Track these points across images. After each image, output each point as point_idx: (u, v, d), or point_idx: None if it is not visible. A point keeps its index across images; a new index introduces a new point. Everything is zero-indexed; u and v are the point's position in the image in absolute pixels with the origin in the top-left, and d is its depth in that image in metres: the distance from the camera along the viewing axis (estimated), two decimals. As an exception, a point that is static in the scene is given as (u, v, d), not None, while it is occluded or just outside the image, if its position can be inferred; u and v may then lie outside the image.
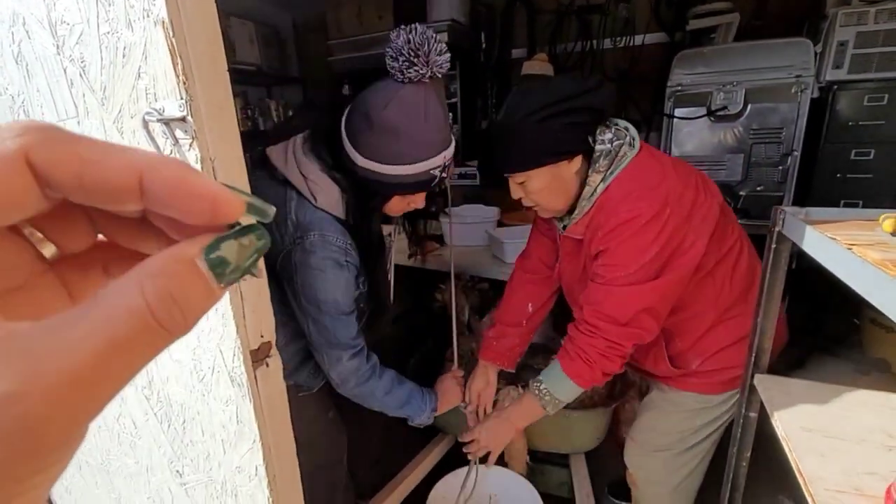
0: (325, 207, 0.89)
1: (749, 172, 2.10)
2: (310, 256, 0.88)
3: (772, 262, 0.83)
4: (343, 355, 0.96)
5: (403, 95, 0.81)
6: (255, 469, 0.63)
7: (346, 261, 0.91)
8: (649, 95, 2.48)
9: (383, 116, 0.81)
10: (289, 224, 0.90)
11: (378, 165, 0.85)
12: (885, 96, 1.86)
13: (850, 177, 1.98)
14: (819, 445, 0.70)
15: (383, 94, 0.82)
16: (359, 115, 0.85)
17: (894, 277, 0.46)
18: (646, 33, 2.48)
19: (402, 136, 0.83)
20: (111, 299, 0.12)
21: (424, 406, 1.10)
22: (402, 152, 0.84)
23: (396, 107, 0.81)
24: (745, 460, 0.99)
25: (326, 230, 0.89)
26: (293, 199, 0.90)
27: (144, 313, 0.12)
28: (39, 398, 0.11)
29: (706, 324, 1.02)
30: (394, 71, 0.80)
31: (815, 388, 0.83)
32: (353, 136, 0.86)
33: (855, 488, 0.62)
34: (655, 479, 1.20)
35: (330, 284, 0.90)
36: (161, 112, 0.49)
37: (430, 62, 0.79)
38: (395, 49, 0.79)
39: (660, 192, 0.88)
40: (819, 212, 0.76)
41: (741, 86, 2.01)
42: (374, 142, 0.84)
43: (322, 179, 0.89)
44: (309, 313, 0.93)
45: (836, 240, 0.60)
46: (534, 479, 1.29)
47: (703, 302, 1.00)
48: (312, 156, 0.91)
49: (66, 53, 0.53)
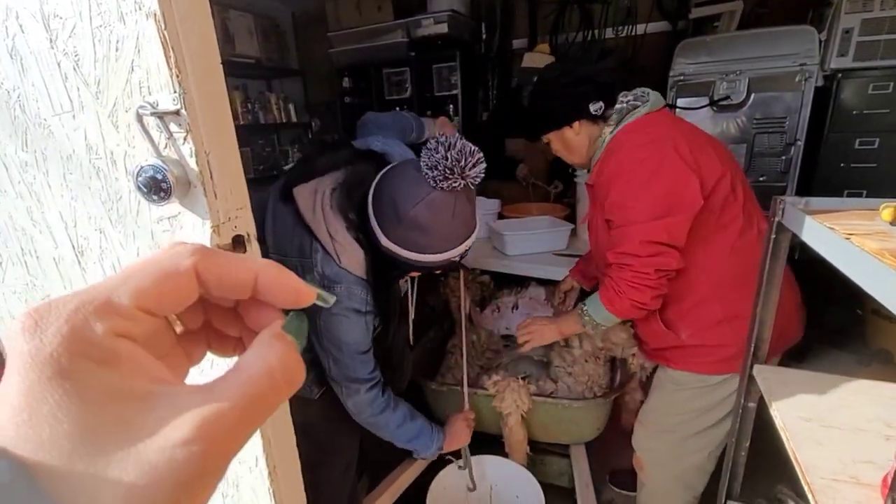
0: (348, 268, 0.93)
1: (752, 163, 2.09)
2: (335, 306, 0.90)
3: (771, 252, 0.83)
4: (361, 388, 1.02)
5: (434, 199, 0.82)
6: (255, 460, 0.64)
7: (366, 310, 0.97)
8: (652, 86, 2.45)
9: (411, 214, 0.83)
10: (315, 275, 0.95)
11: (402, 251, 0.88)
12: (890, 84, 1.83)
13: (854, 166, 1.96)
14: (817, 435, 0.71)
15: (414, 191, 0.82)
16: (387, 202, 0.86)
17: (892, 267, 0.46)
18: (648, 22, 2.45)
19: (428, 233, 0.85)
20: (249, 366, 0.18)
21: (431, 444, 1.15)
22: (427, 245, 0.87)
23: (425, 208, 0.82)
24: (744, 450, 0.99)
25: (351, 284, 0.94)
26: (318, 252, 0.94)
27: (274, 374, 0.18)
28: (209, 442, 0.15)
29: (698, 294, 1.05)
30: (427, 178, 0.81)
31: (813, 378, 0.83)
32: (380, 218, 0.88)
33: (851, 476, 0.63)
34: (660, 462, 1.22)
35: (352, 328, 0.96)
36: (155, 106, 0.49)
37: (465, 176, 0.80)
38: (431, 161, 0.79)
39: (662, 141, 0.98)
40: (819, 201, 0.75)
41: (744, 75, 1.99)
42: (399, 233, 0.86)
43: (348, 242, 0.92)
44: (330, 352, 0.99)
45: (834, 229, 0.59)
46: (534, 470, 1.30)
47: (696, 269, 1.03)
48: (340, 215, 0.93)
49: (59, 47, 0.53)
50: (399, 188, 0.85)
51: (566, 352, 1.44)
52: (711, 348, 1.07)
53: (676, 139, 0.98)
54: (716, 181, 0.99)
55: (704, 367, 1.08)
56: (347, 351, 0.98)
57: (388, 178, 0.88)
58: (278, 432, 0.64)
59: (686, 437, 1.15)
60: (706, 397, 1.11)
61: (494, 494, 1.35)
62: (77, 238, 0.65)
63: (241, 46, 2.76)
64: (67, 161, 0.60)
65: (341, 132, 3.26)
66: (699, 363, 1.09)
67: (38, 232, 0.69)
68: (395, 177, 0.87)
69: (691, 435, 1.15)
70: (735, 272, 1.03)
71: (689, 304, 1.07)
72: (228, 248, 0.54)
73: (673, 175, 0.96)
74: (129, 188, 0.56)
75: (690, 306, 1.07)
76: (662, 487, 1.24)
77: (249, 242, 0.56)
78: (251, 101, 3.00)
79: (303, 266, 0.95)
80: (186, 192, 0.52)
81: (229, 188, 0.53)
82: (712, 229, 1.01)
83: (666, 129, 1.01)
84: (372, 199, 0.89)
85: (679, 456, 1.18)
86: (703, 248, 1.02)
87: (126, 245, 0.60)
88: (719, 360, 1.06)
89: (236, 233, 0.55)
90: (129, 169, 0.55)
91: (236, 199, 0.54)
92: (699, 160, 0.98)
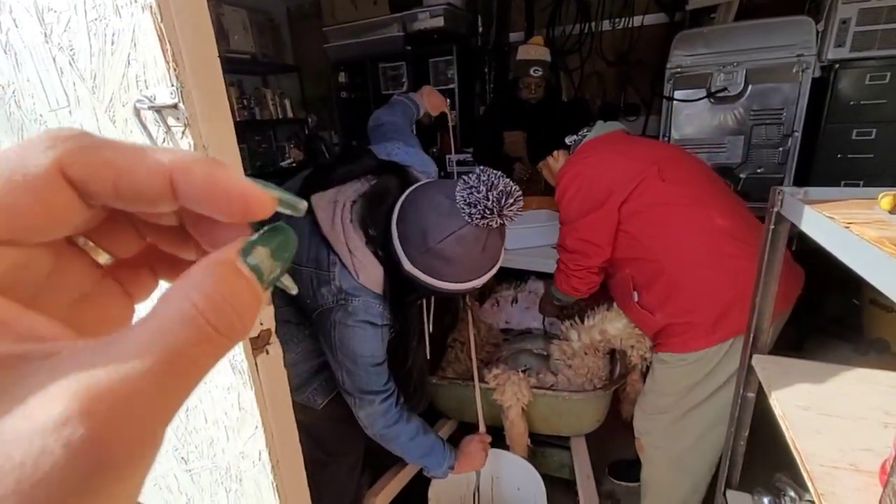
0: (366, 284, 0.92)
1: (749, 154, 2.09)
2: (350, 318, 0.92)
3: (770, 243, 0.83)
4: (375, 399, 1.00)
5: (467, 234, 0.81)
6: (258, 454, 0.64)
7: (382, 324, 0.95)
8: (649, 78, 2.45)
9: (441, 246, 0.81)
10: (332, 287, 0.92)
11: (426, 277, 0.86)
12: (887, 74, 1.83)
13: (851, 157, 1.96)
14: (815, 423, 0.71)
15: (445, 224, 0.81)
16: (415, 229, 0.84)
17: (891, 255, 0.46)
18: (645, 14, 2.44)
19: (454, 264, 0.83)
20: (162, 311, 0.12)
21: (443, 462, 1.13)
22: (451, 275, 0.86)
23: (455, 242, 0.81)
24: (743, 439, 1.00)
25: (368, 298, 0.93)
26: (336, 265, 0.92)
27: (198, 320, 0.12)
28: (101, 415, 0.10)
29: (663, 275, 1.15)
30: (464, 213, 0.79)
31: (812, 368, 0.84)
32: (404, 243, 0.86)
33: (850, 464, 0.63)
34: (657, 444, 1.28)
35: (367, 341, 0.94)
36: (152, 100, 0.48)
37: (503, 215, 0.78)
38: (471, 198, 0.77)
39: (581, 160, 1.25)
40: (818, 191, 0.76)
41: (742, 66, 1.98)
42: (424, 260, 0.84)
43: (367, 258, 0.91)
44: (344, 365, 0.96)
45: (833, 219, 0.59)
46: (535, 462, 1.31)
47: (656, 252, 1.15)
48: (360, 230, 0.91)
49: (54, 41, 0.52)
50: (430, 218, 0.82)
51: (566, 344, 1.45)
52: (683, 325, 1.14)
53: (597, 159, 1.23)
54: (637, 181, 1.15)
55: (680, 346, 1.16)
56: (362, 364, 0.96)
57: (416, 204, 0.86)
58: (281, 426, 0.64)
59: (678, 417, 1.21)
60: (689, 375, 1.17)
61: (496, 487, 1.36)
62: (75, 235, 0.65)
63: (235, 42, 2.74)
64: (64, 157, 0.59)
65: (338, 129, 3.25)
66: (676, 342, 1.17)
67: (36, 229, 0.69)
68: (424, 204, 0.85)
69: (682, 414, 1.21)
70: (693, 251, 1.12)
71: (659, 287, 1.16)
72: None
73: (589, 185, 1.20)
74: (128, 184, 0.55)
75: (662, 290, 1.16)
76: (662, 470, 1.29)
77: (249, 237, 0.56)
78: (247, 98, 2.98)
79: (318, 277, 0.93)
80: (185, 187, 0.51)
81: (228, 183, 0.53)
82: (655, 220, 1.15)
83: (593, 153, 1.25)
84: (397, 221, 0.87)
85: (673, 436, 1.24)
86: (658, 234, 1.15)
87: (125, 241, 0.60)
88: (693, 336, 1.13)
89: (236, 227, 0.55)
90: (127, 164, 0.54)
91: (236, 193, 0.54)
92: (615, 169, 1.19)
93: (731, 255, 1.10)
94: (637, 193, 1.15)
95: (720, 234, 1.11)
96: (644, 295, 1.20)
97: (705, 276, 1.11)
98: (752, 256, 1.07)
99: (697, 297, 1.12)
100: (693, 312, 1.13)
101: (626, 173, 1.17)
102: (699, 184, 1.18)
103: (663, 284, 1.15)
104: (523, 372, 1.31)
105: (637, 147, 1.26)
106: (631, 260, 1.21)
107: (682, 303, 1.13)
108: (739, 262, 1.08)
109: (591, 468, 1.34)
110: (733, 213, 1.16)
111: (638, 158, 1.20)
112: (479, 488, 1.31)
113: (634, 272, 1.21)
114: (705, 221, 1.13)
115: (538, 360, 1.55)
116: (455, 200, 0.80)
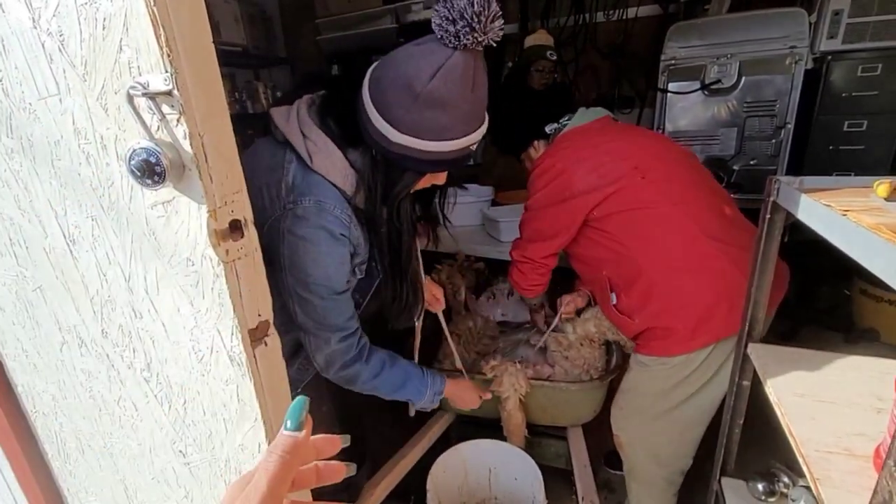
0: (321, 171, 0.80)
1: (742, 146, 2.10)
2: (301, 225, 0.79)
3: (766, 233, 0.83)
4: (332, 338, 0.88)
5: (454, 65, 0.71)
6: (258, 446, 0.64)
7: (341, 234, 0.82)
8: (643, 70, 2.45)
9: (430, 88, 0.72)
10: (282, 187, 0.80)
11: (418, 142, 0.76)
12: (878, 66, 1.84)
13: (842, 148, 1.98)
14: (810, 410, 0.72)
15: (428, 61, 0.72)
16: (394, 86, 0.75)
17: (889, 241, 0.47)
18: (639, 6, 2.43)
19: (448, 110, 0.74)
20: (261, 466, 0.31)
21: (424, 388, 1.03)
22: (448, 127, 0.76)
23: (445, 77, 0.72)
24: (738, 427, 1.02)
25: (324, 197, 0.80)
26: (292, 162, 0.82)
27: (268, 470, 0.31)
28: None
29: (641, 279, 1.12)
30: (447, 36, 0.70)
31: (806, 356, 0.85)
32: (387, 109, 0.76)
33: (845, 449, 0.64)
34: (633, 442, 1.27)
35: (322, 258, 0.81)
36: (146, 86, 0.47)
37: (487, 30, 0.70)
38: (453, 11, 0.68)
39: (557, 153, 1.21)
40: (813, 180, 0.76)
41: (735, 58, 1.99)
42: (416, 116, 0.74)
43: (322, 141, 0.81)
44: (295, 291, 0.82)
45: (831, 207, 0.60)
46: (532, 452, 1.32)
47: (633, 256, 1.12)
48: (317, 119, 0.83)
49: (42, 27, 0.51)
50: (409, 65, 0.73)
51: (562, 336, 1.45)
52: (662, 330, 1.12)
53: (578, 152, 1.18)
54: (620, 180, 1.11)
55: (661, 350, 1.13)
56: (316, 290, 0.82)
57: (390, 63, 0.77)
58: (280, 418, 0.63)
59: (655, 418, 1.20)
60: (669, 378, 1.14)
61: (493, 477, 1.37)
62: (68, 226, 0.63)
63: (227, 34, 2.69)
64: (55, 147, 0.58)
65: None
66: (656, 346, 1.14)
67: (27, 221, 0.67)
68: (399, 58, 0.76)
69: (659, 415, 1.19)
70: (672, 253, 1.10)
71: (637, 290, 1.13)
72: (226, 232, 0.53)
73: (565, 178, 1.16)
74: (121, 173, 0.54)
75: (640, 293, 1.13)
76: (640, 464, 1.29)
77: (247, 227, 0.56)
78: (239, 91, 2.94)
79: (270, 183, 0.82)
80: (181, 176, 0.50)
81: (225, 172, 0.52)
82: (636, 221, 1.12)
83: (572, 144, 1.21)
84: (371, 95, 0.78)
85: (648, 434, 1.23)
86: (637, 234, 1.12)
87: (119, 232, 0.59)
88: (673, 342, 1.11)
89: (233, 217, 0.54)
90: (121, 153, 0.53)
91: (232, 182, 0.53)
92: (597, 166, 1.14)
93: (708, 256, 1.06)
94: (615, 196, 1.11)
95: (698, 234, 1.08)
96: (622, 298, 1.17)
97: (683, 280, 1.08)
98: (731, 256, 1.07)
99: (676, 301, 1.09)
100: (672, 317, 1.10)
101: (604, 178, 1.12)
102: (680, 180, 1.15)
103: (642, 287, 1.12)
104: (520, 363, 1.32)
105: (618, 140, 1.20)
106: (608, 260, 1.17)
107: (661, 306, 1.11)
108: (718, 262, 1.06)
109: (587, 458, 1.35)
110: (713, 210, 1.13)
111: (618, 157, 1.14)
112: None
113: (612, 273, 1.18)
114: (684, 222, 1.09)
115: (535, 352, 1.55)
116: (428, 44, 0.73)
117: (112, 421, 0.80)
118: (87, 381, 0.78)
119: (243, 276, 0.56)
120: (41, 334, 0.78)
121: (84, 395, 0.80)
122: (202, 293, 0.56)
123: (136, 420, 0.76)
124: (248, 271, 0.56)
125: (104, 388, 0.76)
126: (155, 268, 0.59)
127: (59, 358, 0.79)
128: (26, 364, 0.85)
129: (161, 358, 0.66)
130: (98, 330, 0.70)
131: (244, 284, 0.56)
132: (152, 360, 0.67)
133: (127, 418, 0.77)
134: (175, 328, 0.62)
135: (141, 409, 0.74)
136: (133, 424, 0.77)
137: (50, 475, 1.00)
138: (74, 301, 0.70)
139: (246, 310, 0.57)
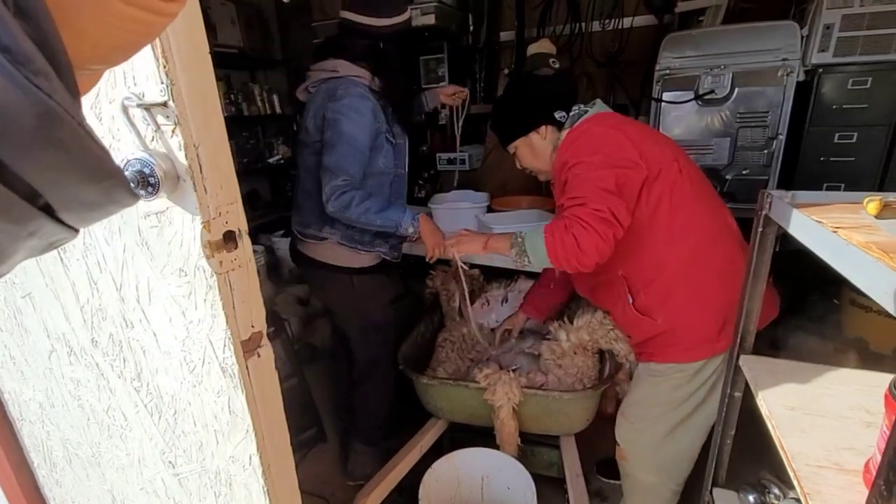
0: (347, 73, 1.28)
1: (735, 156, 2.12)
2: (340, 101, 1.23)
3: (758, 245, 0.84)
4: (337, 178, 1.22)
5: None
6: (248, 458, 0.63)
7: (368, 98, 1.27)
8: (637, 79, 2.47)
9: None
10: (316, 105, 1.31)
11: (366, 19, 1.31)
12: (868, 79, 1.87)
13: (833, 160, 2.01)
14: (801, 423, 0.73)
15: None
16: None
17: (879, 259, 0.47)
18: (634, 16, 2.46)
19: None
20: None
21: (404, 211, 1.32)
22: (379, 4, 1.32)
23: None
24: (730, 438, 1.02)
25: (350, 84, 1.26)
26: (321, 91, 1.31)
27: None
28: None
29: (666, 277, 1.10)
30: None
31: (798, 368, 0.86)
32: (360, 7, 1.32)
33: (835, 463, 0.65)
34: (643, 454, 1.24)
35: (354, 118, 1.23)
36: (141, 97, 0.47)
37: None
38: None
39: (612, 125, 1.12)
40: (804, 195, 0.77)
41: (728, 69, 2.01)
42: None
43: (340, 61, 1.30)
44: (329, 142, 1.23)
45: (822, 223, 0.60)
46: (525, 461, 1.31)
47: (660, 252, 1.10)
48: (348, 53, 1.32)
49: (37, 35, 0.51)
50: None
51: (555, 344, 1.45)
52: (684, 332, 1.10)
53: (624, 126, 1.12)
54: (661, 165, 1.07)
55: (680, 356, 1.12)
56: (346, 140, 1.22)
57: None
58: (273, 430, 0.63)
59: (670, 428, 1.18)
60: (685, 386, 1.14)
61: (486, 486, 1.37)
62: (58, 234, 0.63)
63: (223, 36, 2.69)
64: (47, 154, 0.57)
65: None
66: (675, 352, 1.12)
67: (17, 228, 0.66)
68: None
69: (674, 425, 1.17)
70: (697, 253, 1.09)
71: (660, 288, 1.11)
72: (220, 244, 0.52)
73: (620, 143, 1.08)
74: (114, 183, 0.54)
75: (661, 290, 1.11)
76: (646, 478, 1.27)
77: (241, 238, 0.55)
78: (235, 93, 2.93)
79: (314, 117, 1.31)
80: (175, 187, 0.50)
81: (220, 183, 0.52)
82: (667, 211, 1.09)
83: (617, 120, 1.16)
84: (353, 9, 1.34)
85: (662, 446, 1.21)
86: (663, 230, 1.09)
87: (111, 241, 0.58)
88: (693, 344, 1.10)
89: (227, 228, 0.53)
90: (114, 163, 0.53)
91: (227, 193, 0.53)
92: (643, 144, 1.09)
93: (733, 259, 1.08)
94: (657, 182, 1.06)
95: (724, 234, 1.10)
96: (641, 296, 1.13)
97: (705, 276, 1.08)
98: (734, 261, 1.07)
99: (698, 297, 1.08)
100: (696, 315, 1.08)
101: (652, 155, 1.07)
102: (702, 182, 1.15)
103: (663, 283, 1.10)
104: (514, 371, 1.31)
105: (649, 132, 1.18)
106: (627, 256, 1.10)
107: (682, 302, 1.09)
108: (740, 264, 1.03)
109: (580, 467, 1.35)
110: (728, 216, 1.16)
111: (660, 142, 1.13)
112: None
113: (629, 271, 1.13)
114: (710, 221, 1.11)
115: (529, 360, 1.55)
116: None
117: (101, 430, 0.79)
118: (75, 390, 0.77)
119: (237, 287, 0.55)
120: (29, 342, 0.77)
121: (72, 404, 0.79)
122: (195, 304, 0.56)
123: (125, 430, 0.75)
124: (242, 282, 0.56)
125: (93, 397, 0.75)
126: (147, 277, 0.58)
127: (47, 366, 0.78)
128: (13, 371, 0.84)
129: (152, 368, 0.65)
130: (88, 338, 0.69)
131: (237, 296, 0.55)
132: (143, 370, 0.66)
133: (116, 428, 0.76)
134: (166, 338, 0.61)
135: (130, 418, 0.73)
136: (122, 434, 0.76)
137: (35, 484, 0.98)
138: (64, 309, 0.69)
139: (239, 321, 0.56)
